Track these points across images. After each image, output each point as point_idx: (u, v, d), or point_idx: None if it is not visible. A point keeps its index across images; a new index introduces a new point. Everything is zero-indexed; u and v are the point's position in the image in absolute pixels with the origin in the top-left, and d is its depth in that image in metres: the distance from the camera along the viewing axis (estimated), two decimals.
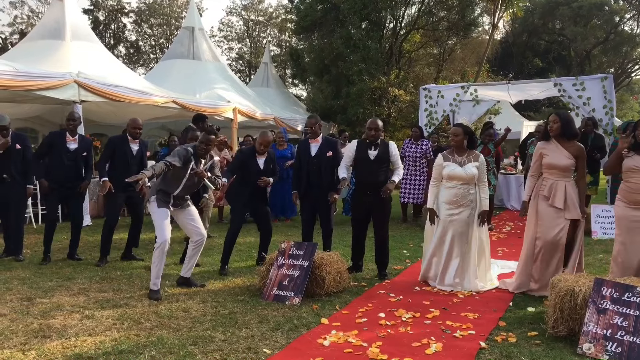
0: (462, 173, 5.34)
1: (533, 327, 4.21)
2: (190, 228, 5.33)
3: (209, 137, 5.19)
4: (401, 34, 20.00)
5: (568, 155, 5.00)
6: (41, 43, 11.09)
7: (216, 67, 15.75)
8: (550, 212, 5.03)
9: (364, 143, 5.82)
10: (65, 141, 6.50)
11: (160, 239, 5.02)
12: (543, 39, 34.21)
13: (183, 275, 5.45)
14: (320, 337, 3.99)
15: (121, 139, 6.50)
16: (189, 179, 5.19)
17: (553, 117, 5.09)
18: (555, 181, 5.03)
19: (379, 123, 5.77)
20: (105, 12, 38.53)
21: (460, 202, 5.35)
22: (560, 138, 5.06)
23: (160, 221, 5.08)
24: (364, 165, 5.76)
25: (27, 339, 3.97)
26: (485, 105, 12.94)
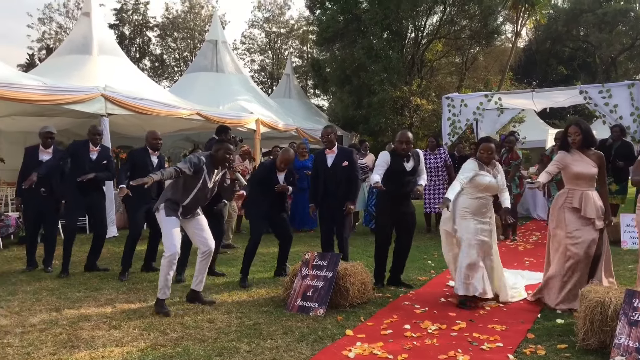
0: (496, 185, 5.22)
1: (562, 340, 4.12)
2: (198, 238, 5.16)
3: (228, 145, 5.05)
4: (423, 43, 20.00)
5: (593, 164, 4.93)
6: (69, 58, 11.35)
7: (239, 79, 15.91)
8: (579, 224, 4.89)
9: (396, 155, 5.66)
10: (89, 151, 6.64)
11: (169, 250, 4.85)
12: (567, 46, 33.82)
13: (193, 288, 5.25)
14: (345, 349, 3.97)
15: (141, 152, 6.59)
16: (200, 190, 5.00)
17: (574, 129, 4.96)
18: (584, 191, 4.93)
19: (410, 136, 5.67)
20: (131, 26, 39.32)
21: (487, 213, 5.25)
22: (581, 148, 4.98)
23: (169, 230, 4.90)
24: (399, 177, 5.62)
25: (56, 349, 4.02)
26: (510, 113, 12.83)
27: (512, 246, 8.44)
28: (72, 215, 6.80)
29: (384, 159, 5.62)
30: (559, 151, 5.13)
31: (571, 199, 4.95)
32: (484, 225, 5.18)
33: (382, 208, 5.90)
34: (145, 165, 6.38)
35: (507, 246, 8.43)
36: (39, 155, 6.67)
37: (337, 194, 6.02)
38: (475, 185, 5.14)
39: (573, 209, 4.92)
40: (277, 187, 6.05)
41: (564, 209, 4.99)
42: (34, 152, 6.71)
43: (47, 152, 6.70)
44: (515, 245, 8.51)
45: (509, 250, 8.12)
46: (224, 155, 5.00)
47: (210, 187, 5.09)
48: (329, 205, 6.09)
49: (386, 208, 5.77)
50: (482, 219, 5.18)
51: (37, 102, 8.43)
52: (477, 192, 5.17)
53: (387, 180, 5.53)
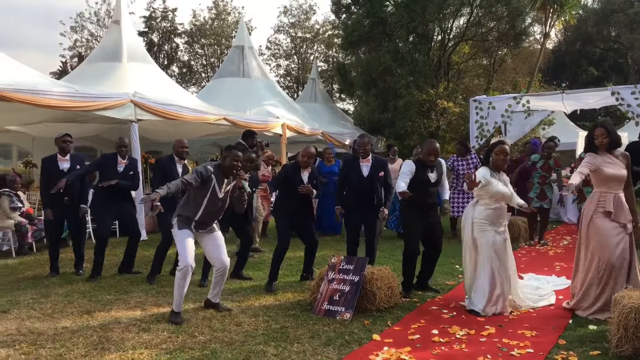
0: (509, 192, 5.16)
1: (595, 346, 4.02)
2: (213, 256, 5.04)
3: (236, 152, 4.88)
4: (449, 45, 19.81)
5: (622, 165, 4.82)
6: (100, 65, 11.60)
7: (265, 84, 16.02)
8: (611, 228, 4.74)
9: (421, 165, 5.59)
10: (117, 163, 6.77)
11: (182, 263, 4.74)
12: (598, 46, 33.11)
13: (210, 299, 5.21)
14: (372, 354, 3.95)
15: (169, 160, 6.66)
16: (210, 201, 4.85)
17: (600, 131, 4.82)
18: (616, 194, 4.80)
19: (437, 147, 5.61)
20: (159, 33, 39.94)
21: (502, 222, 5.15)
22: (609, 150, 4.86)
23: (182, 244, 4.78)
24: (424, 187, 5.56)
25: (88, 351, 4.10)
26: (539, 116, 12.60)
27: (542, 251, 8.30)
28: (102, 223, 6.87)
29: (410, 168, 5.54)
30: (588, 153, 4.97)
31: (603, 203, 4.79)
32: (500, 235, 5.07)
33: (409, 218, 5.75)
34: (172, 175, 6.38)
35: (538, 251, 8.28)
36: (59, 165, 6.73)
37: (372, 204, 6.01)
38: (491, 195, 5.05)
39: (605, 213, 4.76)
40: (300, 187, 6.02)
41: (595, 214, 4.82)
42: (52, 162, 6.76)
43: (66, 160, 6.77)
44: (546, 249, 8.36)
45: (539, 254, 7.98)
46: (231, 162, 4.83)
47: (220, 197, 4.91)
48: (359, 215, 6.07)
49: (414, 218, 5.65)
50: (498, 228, 5.09)
51: (69, 109, 8.63)
52: (494, 202, 5.08)
53: (413, 190, 5.42)
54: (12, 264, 7.75)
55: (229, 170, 4.87)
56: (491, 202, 5.08)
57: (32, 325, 4.71)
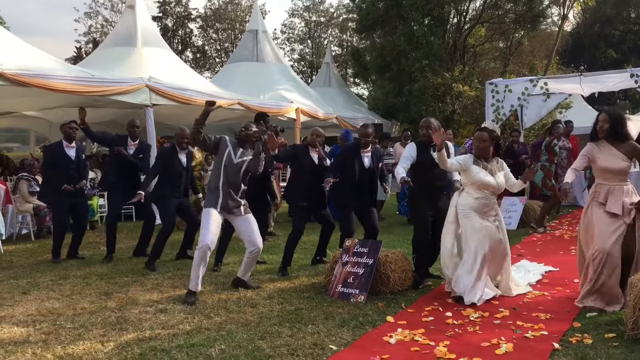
0: (494, 182, 4.89)
1: (610, 329, 4.01)
2: (246, 238, 5.18)
3: (248, 123, 5.32)
4: (465, 28, 19.61)
5: (622, 157, 4.55)
6: (114, 50, 11.64)
7: (279, 68, 15.99)
8: (605, 219, 4.53)
9: (422, 145, 5.40)
10: (127, 144, 6.78)
11: (202, 242, 4.86)
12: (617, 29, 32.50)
13: (239, 276, 5.37)
14: (386, 335, 3.97)
15: (171, 150, 6.61)
16: (228, 167, 5.05)
17: (603, 117, 4.59)
18: (611, 186, 4.59)
19: (432, 121, 5.39)
20: (174, 18, 39.97)
21: (491, 212, 4.94)
22: (611, 139, 4.61)
23: (206, 223, 4.92)
24: (428, 168, 5.29)
25: (106, 331, 4.18)
26: (556, 99, 12.42)
27: (557, 235, 8.24)
28: (111, 208, 6.95)
29: (410, 152, 5.37)
30: (588, 143, 4.74)
31: (598, 194, 4.63)
32: (489, 223, 4.88)
33: (415, 202, 5.54)
34: (174, 164, 6.45)
35: (553, 235, 8.23)
36: (66, 151, 6.72)
37: (369, 192, 5.97)
38: (472, 181, 4.87)
39: (599, 204, 4.60)
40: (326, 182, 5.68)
41: (592, 205, 4.67)
42: (59, 148, 6.76)
43: (72, 147, 6.78)
44: (561, 233, 8.30)
45: (555, 239, 7.93)
46: (246, 132, 5.16)
47: (236, 162, 5.10)
48: (355, 203, 5.97)
49: (422, 205, 5.41)
50: (485, 217, 4.89)
51: (84, 94, 8.69)
52: (477, 191, 4.88)
53: (417, 172, 5.31)
54: (31, 247, 7.88)
55: (242, 139, 5.18)
56: (474, 190, 4.90)
57: (51, 306, 4.81)
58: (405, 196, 9.51)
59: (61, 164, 6.66)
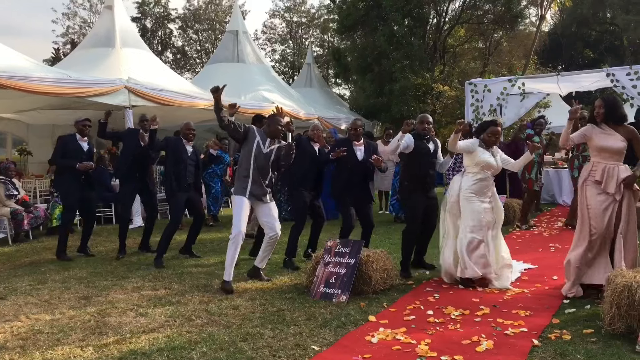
0: (495, 163, 5.42)
1: (588, 325, 4.07)
2: (266, 224, 5.48)
3: (278, 118, 5.50)
4: (445, 29, 19.75)
5: (621, 138, 4.76)
6: (92, 51, 11.51)
7: (260, 69, 15.93)
8: (599, 197, 4.75)
9: (419, 137, 5.81)
10: (139, 138, 7.06)
11: (234, 230, 5.23)
12: (593, 29, 33.00)
13: (256, 265, 5.69)
14: (368, 335, 3.98)
15: (178, 140, 6.86)
16: (257, 156, 5.33)
17: (598, 102, 4.88)
18: (608, 164, 4.77)
19: (428, 117, 5.94)
20: (153, 19, 39.61)
21: (488, 192, 5.41)
22: (608, 122, 4.83)
23: (238, 211, 5.28)
24: (424, 158, 5.77)
25: (85, 335, 4.12)
26: (535, 98, 12.59)
27: (536, 232, 8.35)
28: (125, 203, 7.29)
29: (408, 142, 5.75)
30: (588, 124, 5.00)
31: (595, 172, 4.81)
32: (487, 204, 5.36)
33: (409, 193, 5.86)
34: (180, 154, 6.68)
35: (532, 232, 8.33)
36: (80, 143, 7.02)
37: (365, 185, 6.19)
38: (477, 162, 5.34)
39: (595, 182, 4.78)
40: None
41: (586, 184, 4.85)
42: (72, 139, 7.04)
43: (84, 140, 7.09)
44: (540, 231, 8.41)
45: (534, 236, 8.03)
46: (276, 127, 5.43)
47: (265, 152, 5.38)
48: (354, 194, 6.15)
49: (413, 193, 5.80)
50: (485, 198, 5.37)
51: (62, 95, 8.58)
52: (479, 172, 5.35)
53: (412, 162, 5.75)
54: (8, 251, 7.75)
55: (272, 133, 5.44)
56: (477, 171, 5.35)
57: (29, 311, 4.73)
58: (395, 193, 9.57)
59: (73, 152, 6.93)
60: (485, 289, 5.20)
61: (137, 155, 7.02)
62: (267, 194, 5.46)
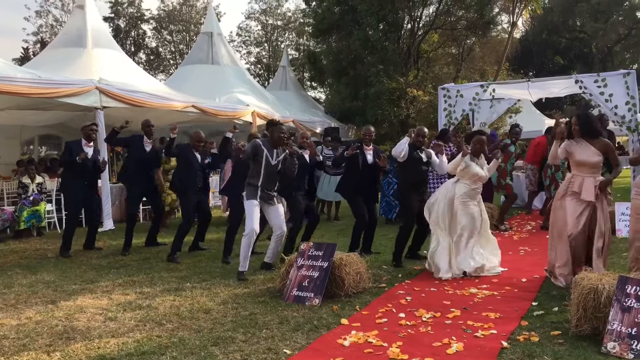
0: (484, 174, 5.96)
1: (556, 327, 4.14)
2: (274, 222, 6.01)
3: (281, 127, 5.96)
4: (419, 34, 19.94)
5: (596, 152, 5.20)
6: (63, 51, 11.32)
7: (235, 71, 15.87)
8: (575, 206, 5.22)
9: (414, 147, 6.38)
10: (144, 143, 7.35)
11: (248, 228, 5.74)
12: (563, 36, 33.77)
13: (267, 261, 6.19)
14: (341, 338, 3.99)
15: (188, 148, 7.10)
16: (267, 168, 5.82)
17: (574, 120, 5.35)
18: (585, 177, 5.23)
19: (425, 130, 6.53)
20: (126, 19, 39.10)
21: (477, 197, 5.99)
22: (585, 137, 5.27)
23: (250, 212, 5.78)
24: (417, 165, 6.39)
25: (52, 340, 4.04)
26: (506, 104, 12.80)
27: (507, 236, 8.47)
28: (133, 203, 7.57)
29: (403, 147, 6.30)
30: (567, 140, 5.45)
31: (573, 184, 5.29)
32: (476, 207, 5.96)
33: (405, 194, 6.48)
34: (191, 162, 6.99)
35: (502, 235, 8.45)
36: (84, 149, 7.23)
37: (373, 186, 6.87)
38: (470, 176, 5.88)
39: (573, 193, 5.25)
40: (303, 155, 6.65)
41: (566, 195, 5.33)
42: (78, 145, 7.25)
43: (90, 146, 7.29)
44: (510, 234, 8.54)
45: (504, 239, 8.13)
46: (279, 135, 5.87)
47: (273, 164, 5.88)
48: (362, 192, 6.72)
49: (411, 196, 6.38)
50: (476, 202, 5.98)
51: (31, 95, 8.41)
52: (472, 183, 5.91)
53: (407, 169, 6.38)
54: None
55: (276, 142, 5.89)
56: (471, 182, 5.89)
57: None
58: (384, 196, 9.66)
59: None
60: (456, 291, 5.26)
61: (143, 159, 7.31)
62: (274, 197, 6.01)
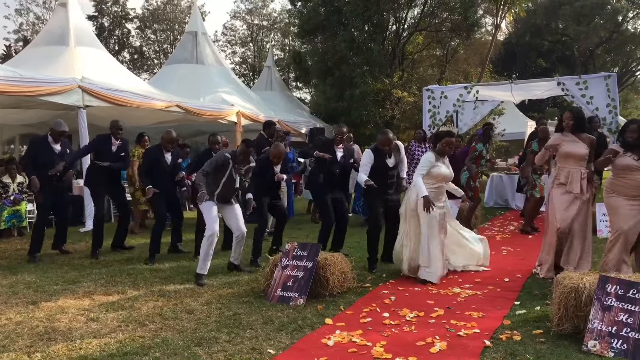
0: (449, 173, 5.82)
1: (538, 326, 4.19)
2: (233, 224, 5.98)
3: (247, 149, 5.87)
4: (404, 35, 20.03)
5: (584, 146, 5.48)
6: (45, 49, 11.17)
7: (220, 71, 15.80)
8: (564, 199, 5.41)
9: (379, 152, 6.19)
10: (111, 144, 7.17)
11: (208, 231, 5.63)
12: (546, 39, 34.11)
13: (233, 261, 6.15)
14: (325, 337, 3.99)
15: (157, 150, 7.03)
16: (227, 181, 5.81)
17: (568, 115, 5.56)
18: (571, 169, 5.43)
19: (391, 138, 6.22)
20: (110, 18, 38.75)
21: (442, 197, 5.86)
22: (574, 132, 5.52)
23: (208, 214, 5.69)
24: (383, 172, 6.18)
25: (33, 341, 3.98)
26: (489, 105, 12.92)
27: (489, 235, 8.53)
28: (100, 202, 7.39)
29: (368, 159, 6.17)
30: (554, 134, 5.68)
31: (560, 176, 5.48)
32: (441, 209, 5.75)
33: (371, 199, 6.31)
34: (160, 164, 6.92)
35: (486, 236, 8.50)
36: (52, 147, 7.00)
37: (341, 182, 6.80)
38: (434, 176, 5.70)
39: (560, 184, 5.45)
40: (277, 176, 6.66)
41: (553, 186, 5.55)
42: (45, 142, 7.02)
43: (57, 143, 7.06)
44: (493, 234, 8.61)
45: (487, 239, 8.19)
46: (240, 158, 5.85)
47: (235, 178, 5.90)
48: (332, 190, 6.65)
49: (375, 199, 6.22)
50: (439, 203, 5.74)
51: (12, 94, 8.28)
52: (436, 182, 5.73)
53: (372, 175, 6.12)
54: None
55: (243, 160, 5.90)
56: (433, 182, 5.70)
57: None
58: (361, 196, 9.67)
59: (44, 156, 6.90)
60: (440, 291, 5.29)
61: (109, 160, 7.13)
62: (232, 197, 5.96)
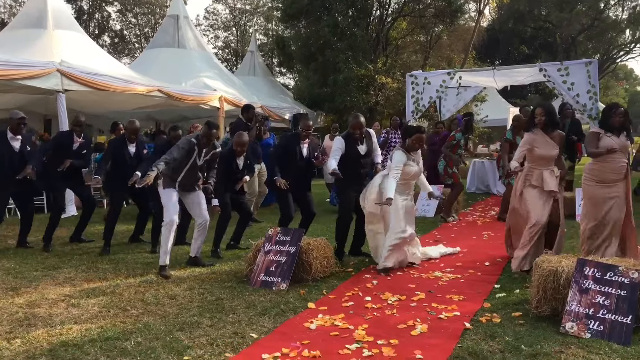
0: (418, 170, 5.69)
1: (517, 308, 4.25)
2: (194, 212, 5.73)
3: (210, 131, 5.53)
4: (388, 21, 19.98)
5: (554, 145, 5.36)
6: (23, 32, 10.91)
7: (202, 55, 15.62)
8: (538, 197, 5.33)
9: (350, 138, 5.89)
10: (72, 142, 6.90)
11: (167, 219, 5.37)
12: (529, 25, 34.23)
13: (191, 255, 5.82)
14: (307, 321, 4.01)
15: (120, 142, 6.78)
16: (190, 168, 5.52)
17: (540, 111, 5.37)
18: (542, 170, 5.36)
19: (362, 121, 5.89)
20: (89, 1, 38.00)
21: (409, 190, 5.72)
22: (547, 128, 5.36)
23: (167, 202, 5.43)
24: (355, 160, 5.90)
25: (12, 327, 3.95)
26: (472, 91, 12.96)
27: (471, 220, 8.63)
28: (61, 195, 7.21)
29: (340, 145, 5.86)
30: (526, 133, 5.51)
31: (530, 177, 5.40)
32: (407, 201, 5.67)
33: (342, 188, 6.08)
34: (122, 155, 6.64)
35: (467, 221, 8.61)
36: (10, 142, 6.51)
37: (308, 180, 6.41)
38: (404, 174, 5.51)
39: (532, 185, 5.38)
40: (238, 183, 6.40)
41: (524, 187, 5.45)
42: (3, 136, 6.52)
43: (17, 139, 6.57)
44: (474, 219, 8.70)
45: (468, 224, 8.30)
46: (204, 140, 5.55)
47: (200, 164, 5.61)
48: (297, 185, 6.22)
49: (346, 188, 5.98)
50: (406, 196, 5.66)
51: None
52: (407, 180, 5.62)
53: (344, 164, 5.81)
54: None
55: (205, 143, 5.58)
56: (402, 180, 5.52)
57: None
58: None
59: (3, 155, 6.49)
60: (422, 275, 5.34)
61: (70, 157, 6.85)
62: (195, 185, 5.68)
